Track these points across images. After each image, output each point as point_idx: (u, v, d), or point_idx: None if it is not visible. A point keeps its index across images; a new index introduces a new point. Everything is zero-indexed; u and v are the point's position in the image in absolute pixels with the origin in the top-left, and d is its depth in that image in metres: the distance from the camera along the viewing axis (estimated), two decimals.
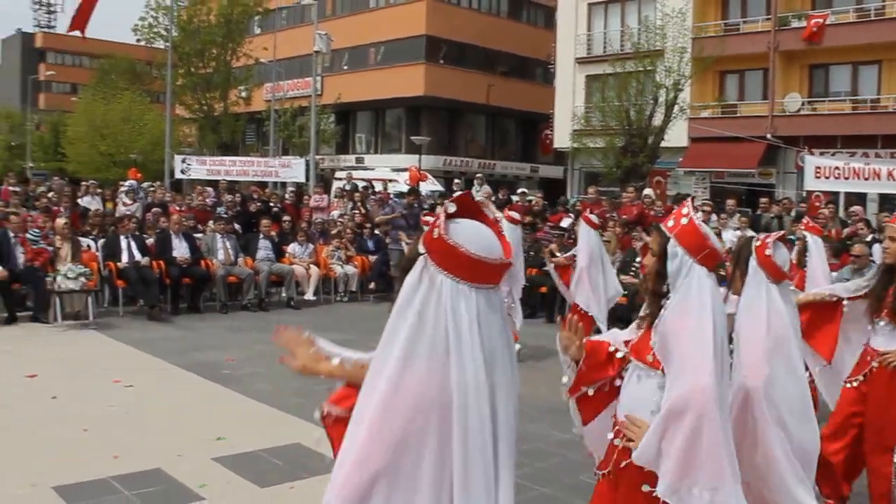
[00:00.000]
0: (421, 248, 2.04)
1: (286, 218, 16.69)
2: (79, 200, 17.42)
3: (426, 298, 1.99)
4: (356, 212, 18.31)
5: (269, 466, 6.21)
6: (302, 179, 26.28)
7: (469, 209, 2.08)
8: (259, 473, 6.05)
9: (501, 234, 2.09)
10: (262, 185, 24.09)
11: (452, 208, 2.04)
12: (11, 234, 12.45)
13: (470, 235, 2.01)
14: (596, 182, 25.22)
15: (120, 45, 60.89)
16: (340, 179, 25.17)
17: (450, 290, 1.98)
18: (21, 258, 12.37)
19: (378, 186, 22.02)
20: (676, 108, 27.88)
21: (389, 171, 31.50)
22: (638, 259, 11.12)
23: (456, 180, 28.64)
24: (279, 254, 15.11)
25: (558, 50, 38.11)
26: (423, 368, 1.95)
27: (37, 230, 12.98)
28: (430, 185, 28.94)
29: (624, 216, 15.41)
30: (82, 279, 12.06)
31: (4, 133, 63.81)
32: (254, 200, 17.79)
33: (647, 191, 18.66)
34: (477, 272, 1.99)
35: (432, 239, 2.01)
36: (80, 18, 20.01)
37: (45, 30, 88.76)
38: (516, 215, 9.69)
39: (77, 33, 22.13)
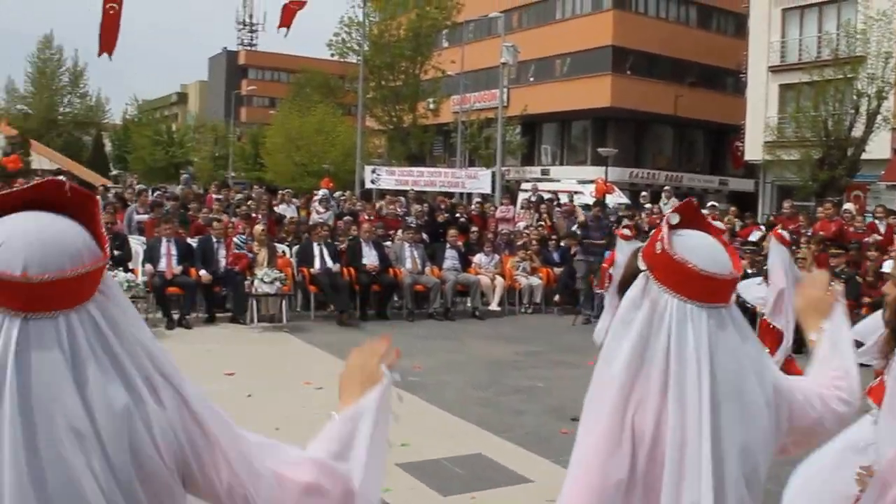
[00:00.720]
0: (641, 265, 1.82)
1: (473, 228, 16.83)
2: (275, 208, 18.13)
3: (647, 320, 1.76)
4: (542, 223, 18.25)
5: (452, 475, 6.21)
6: (488, 190, 26.46)
7: (692, 219, 1.85)
8: (441, 481, 6.05)
9: (729, 246, 1.85)
10: (449, 195, 24.40)
11: (675, 219, 1.81)
12: (214, 239, 13.17)
13: (697, 248, 1.77)
14: (790, 196, 24.14)
15: (315, 60, 63.32)
16: (526, 191, 25.13)
17: (675, 310, 1.74)
18: (223, 262, 13.03)
19: (564, 198, 21.86)
20: (879, 117, 26.35)
21: (575, 182, 31.26)
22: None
23: (643, 193, 28.09)
24: (465, 264, 15.20)
25: (750, 58, 36.83)
26: (644, 406, 1.73)
27: (243, 236, 13.62)
28: (616, 198, 28.49)
29: (821, 232, 14.65)
30: (277, 283, 12.51)
31: (210, 145, 67.60)
32: (441, 211, 18.03)
33: (848, 205, 17.69)
34: (707, 289, 1.74)
35: (654, 253, 1.79)
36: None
37: (248, 48, 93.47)
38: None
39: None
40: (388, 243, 15.16)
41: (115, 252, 12.44)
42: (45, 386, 1.39)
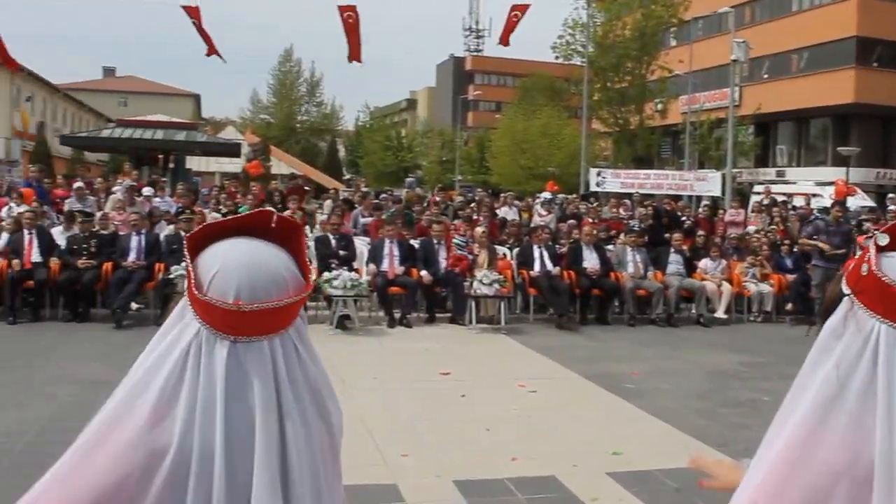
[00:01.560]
0: (845, 288, 1.64)
1: (700, 232, 16.26)
2: (497, 211, 18.27)
3: (848, 348, 1.54)
4: (774, 227, 17.37)
5: (663, 488, 5.96)
6: (717, 193, 25.55)
7: None
8: (652, 494, 5.82)
9: None
10: (676, 198, 23.73)
11: (885, 240, 1.56)
12: (435, 241, 13.45)
13: None
14: None
15: (540, 63, 63.51)
16: (758, 193, 24.07)
17: (885, 338, 1.52)
18: (443, 263, 13.27)
19: (799, 201, 20.74)
20: None
21: (813, 185, 29.61)
22: None
23: (890, 195, 26.18)
24: (690, 269, 14.68)
25: None
26: (836, 440, 1.50)
27: (464, 238, 13.81)
28: (859, 201, 26.72)
29: None
30: (497, 285, 12.57)
31: (437, 149, 69.30)
32: (667, 214, 17.56)
33: None
34: None
35: (860, 276, 1.57)
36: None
37: (474, 54, 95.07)
38: None
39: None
40: (611, 247, 14.90)
41: (341, 252, 12.97)
42: (248, 408, 1.46)
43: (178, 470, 1.43)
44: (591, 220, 16.47)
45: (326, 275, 12.13)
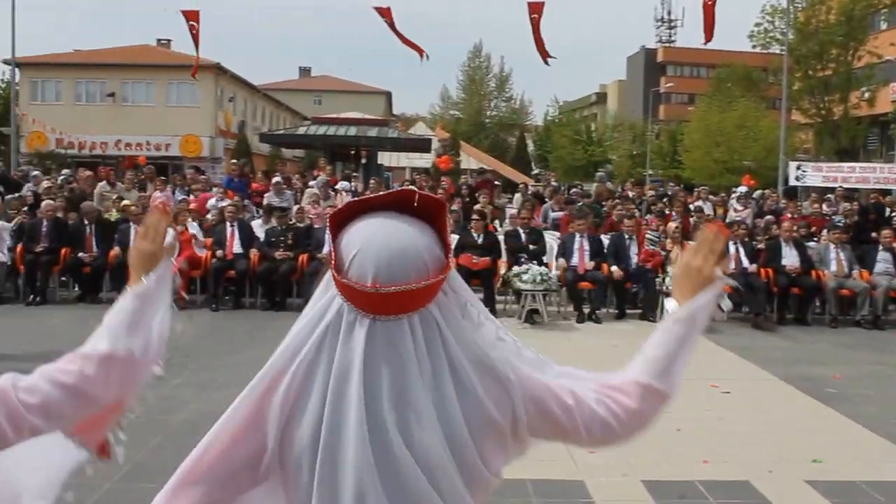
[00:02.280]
0: None
1: None
2: (690, 206, 17.76)
3: None
4: None
5: (870, 501, 5.57)
6: None
7: None
8: None
9: None
10: (885, 192, 22.33)
11: None
12: (626, 237, 13.21)
13: None
14: None
15: (736, 53, 61.24)
16: None
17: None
18: (634, 259, 13.02)
19: None
20: None
21: None
22: None
23: None
24: None
25: None
26: None
27: (656, 233, 13.50)
28: None
29: None
30: None
31: (628, 143, 68.19)
32: (874, 209, 16.56)
33: None
34: None
35: None
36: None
37: (666, 45, 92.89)
38: None
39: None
40: (812, 244, 14.17)
41: (531, 246, 12.94)
42: (389, 380, 1.52)
43: (312, 437, 1.52)
44: (790, 216, 15.72)
45: (516, 269, 12.14)
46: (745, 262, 13.06)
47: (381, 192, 1.60)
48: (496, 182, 22.01)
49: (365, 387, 1.49)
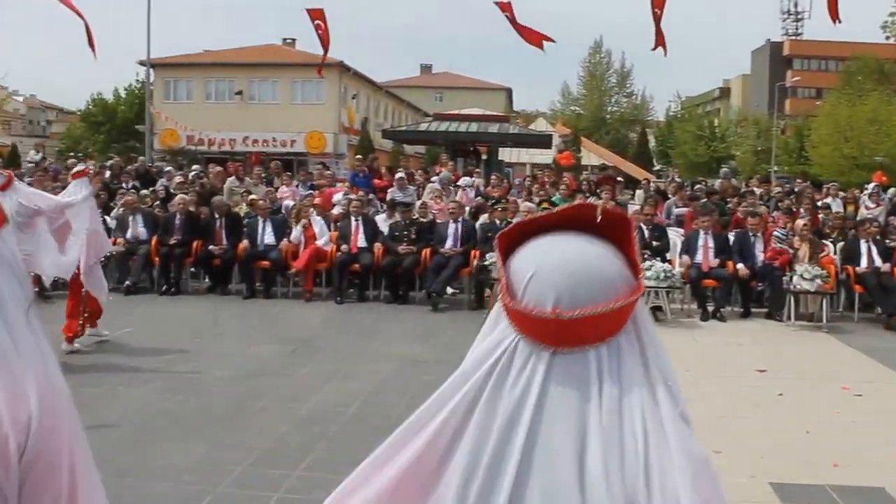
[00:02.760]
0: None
1: None
2: (819, 202, 17.22)
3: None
4: None
5: None
6: None
7: None
8: None
9: None
10: None
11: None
12: (751, 234, 12.93)
13: None
14: None
15: (868, 45, 58.88)
16: None
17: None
18: (760, 256, 12.73)
19: None
20: None
21: None
22: None
23: None
24: None
25: None
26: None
27: (783, 230, 13.17)
28: None
29: None
30: (819, 281, 11.86)
31: (752, 139, 66.37)
32: None
33: None
34: None
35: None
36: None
37: (793, 38, 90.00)
38: None
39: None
40: None
41: (654, 243, 12.79)
42: (561, 423, 1.30)
43: (468, 482, 1.29)
44: None
45: None
46: (878, 261, 12.60)
47: (556, 209, 1.43)
48: (618, 178, 21.78)
49: (528, 436, 1.28)
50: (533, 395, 1.29)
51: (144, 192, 15.69)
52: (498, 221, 13.05)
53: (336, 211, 14.51)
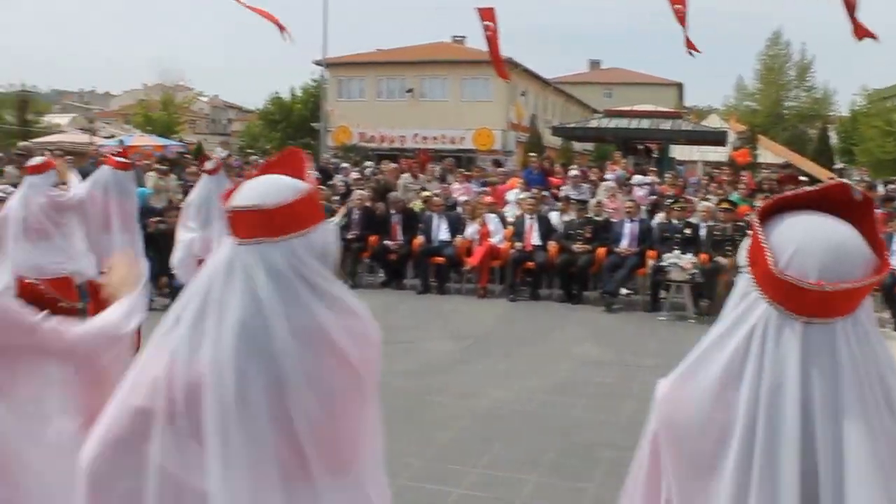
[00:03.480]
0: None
1: None
2: None
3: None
4: None
5: None
6: None
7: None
8: None
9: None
10: None
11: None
12: None
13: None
14: None
15: None
16: None
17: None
18: None
19: None
20: None
21: None
22: None
23: None
24: None
25: None
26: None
27: None
28: None
29: None
30: None
31: None
32: None
33: None
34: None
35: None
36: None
37: None
38: None
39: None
40: None
41: None
42: (822, 394, 1.39)
43: (744, 451, 1.39)
44: None
45: None
46: None
47: (811, 188, 1.53)
48: (801, 177, 20.83)
49: (802, 401, 1.38)
50: (794, 364, 1.39)
51: (323, 188, 16.12)
52: (675, 221, 12.69)
53: (509, 208, 14.48)
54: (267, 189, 1.88)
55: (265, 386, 1.76)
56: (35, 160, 7.15)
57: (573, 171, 16.51)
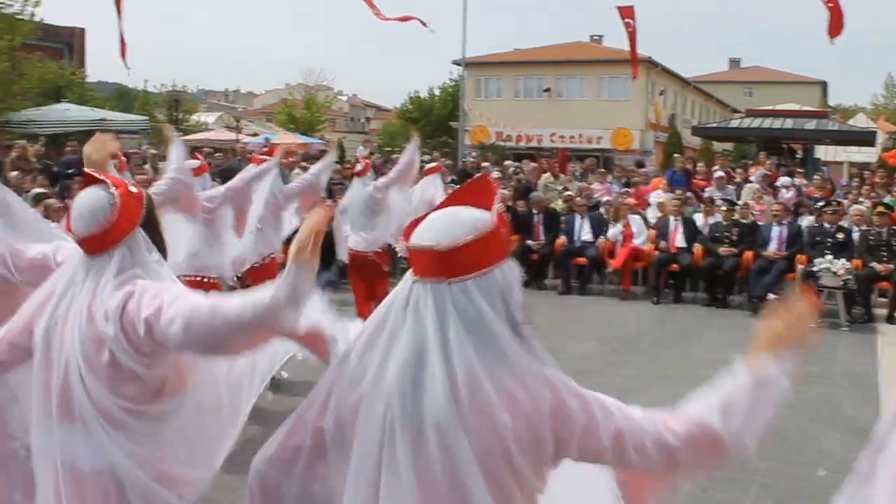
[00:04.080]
0: None
1: None
2: None
3: None
4: None
5: None
6: None
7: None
8: None
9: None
10: None
11: None
12: None
13: None
14: None
15: None
16: None
17: None
18: None
19: None
20: None
21: None
22: None
23: None
24: None
25: None
26: None
27: None
28: None
29: None
30: None
31: None
32: None
33: None
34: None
35: None
36: None
37: None
38: None
39: None
40: None
41: None
42: None
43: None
44: None
45: None
46: None
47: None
48: None
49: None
50: None
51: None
52: (827, 225, 12.33)
53: (652, 210, 14.36)
54: (444, 227, 1.87)
55: (412, 426, 1.80)
56: (189, 163, 7.32)
57: (718, 172, 16.20)
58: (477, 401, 1.78)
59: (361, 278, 9.03)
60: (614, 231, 13.40)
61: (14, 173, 12.53)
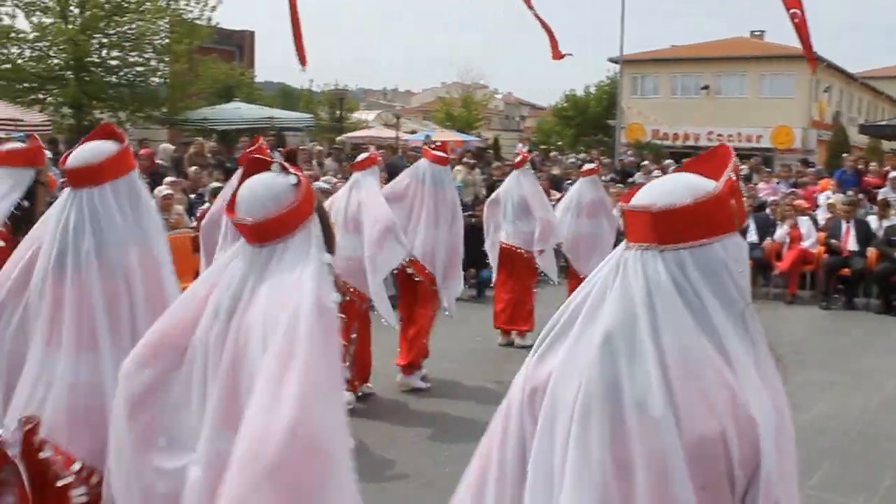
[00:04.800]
0: None
1: None
2: None
3: None
4: None
5: None
6: None
7: None
8: None
9: None
10: None
11: None
12: None
13: None
14: None
15: None
16: None
17: None
18: None
19: None
20: None
21: None
22: None
23: None
24: None
25: None
26: None
27: None
28: None
29: None
30: None
31: None
32: None
33: None
34: None
35: None
36: None
37: None
38: None
39: None
40: None
41: None
42: None
43: None
44: None
45: None
46: None
47: None
48: None
49: None
50: None
51: (621, 185, 16.15)
52: None
53: (822, 211, 13.85)
54: (664, 189, 1.70)
55: (612, 403, 1.62)
56: (361, 156, 7.36)
57: (893, 173, 15.45)
58: (690, 384, 1.58)
59: (508, 276, 9.04)
60: (781, 233, 12.99)
61: (192, 168, 13.19)
